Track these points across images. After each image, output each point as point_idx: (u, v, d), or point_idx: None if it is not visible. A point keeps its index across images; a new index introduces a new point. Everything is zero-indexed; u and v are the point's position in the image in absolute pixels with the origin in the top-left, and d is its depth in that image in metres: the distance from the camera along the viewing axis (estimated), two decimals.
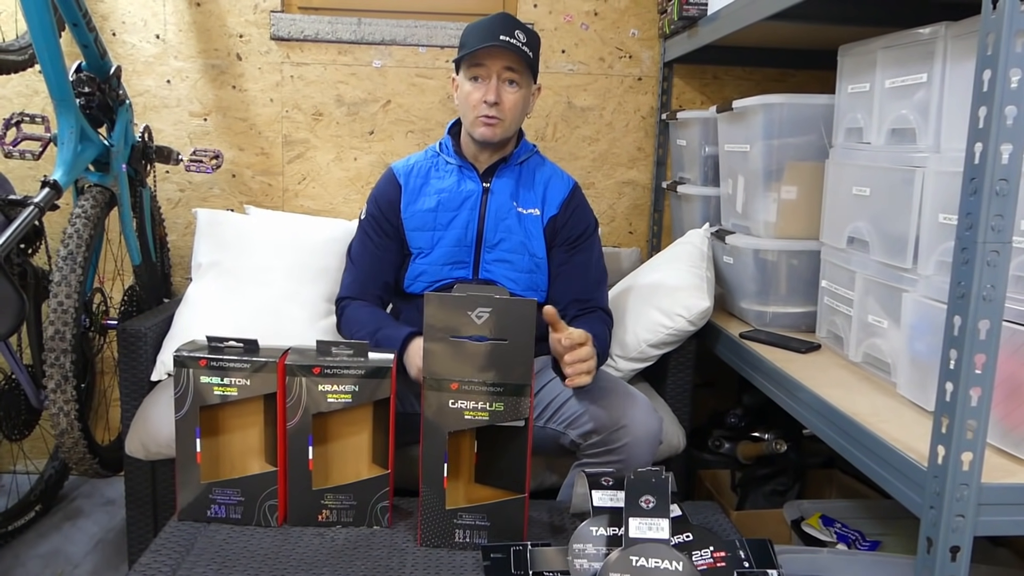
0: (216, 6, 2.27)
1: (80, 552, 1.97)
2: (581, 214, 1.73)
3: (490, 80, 1.58)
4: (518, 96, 1.61)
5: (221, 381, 1.30)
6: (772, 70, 2.37)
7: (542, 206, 1.70)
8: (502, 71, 1.58)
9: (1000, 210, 0.89)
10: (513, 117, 1.62)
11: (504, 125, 1.61)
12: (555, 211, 1.70)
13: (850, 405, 1.25)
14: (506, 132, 1.63)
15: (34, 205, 1.59)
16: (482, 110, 1.59)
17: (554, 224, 1.70)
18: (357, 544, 1.29)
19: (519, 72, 1.60)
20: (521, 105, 1.63)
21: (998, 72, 0.87)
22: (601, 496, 1.22)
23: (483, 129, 1.61)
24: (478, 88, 1.60)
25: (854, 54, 1.49)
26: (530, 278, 1.68)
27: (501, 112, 1.60)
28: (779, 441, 1.93)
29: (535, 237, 1.68)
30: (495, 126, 1.61)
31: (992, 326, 0.91)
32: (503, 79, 1.59)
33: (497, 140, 1.63)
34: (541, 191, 1.71)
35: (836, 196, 1.54)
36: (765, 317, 1.76)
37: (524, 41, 1.58)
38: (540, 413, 1.54)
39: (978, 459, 0.94)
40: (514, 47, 1.56)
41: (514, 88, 1.60)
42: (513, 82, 1.60)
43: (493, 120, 1.60)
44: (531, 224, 1.69)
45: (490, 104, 1.58)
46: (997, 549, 1.60)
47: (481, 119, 1.60)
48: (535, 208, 1.70)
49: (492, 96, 1.58)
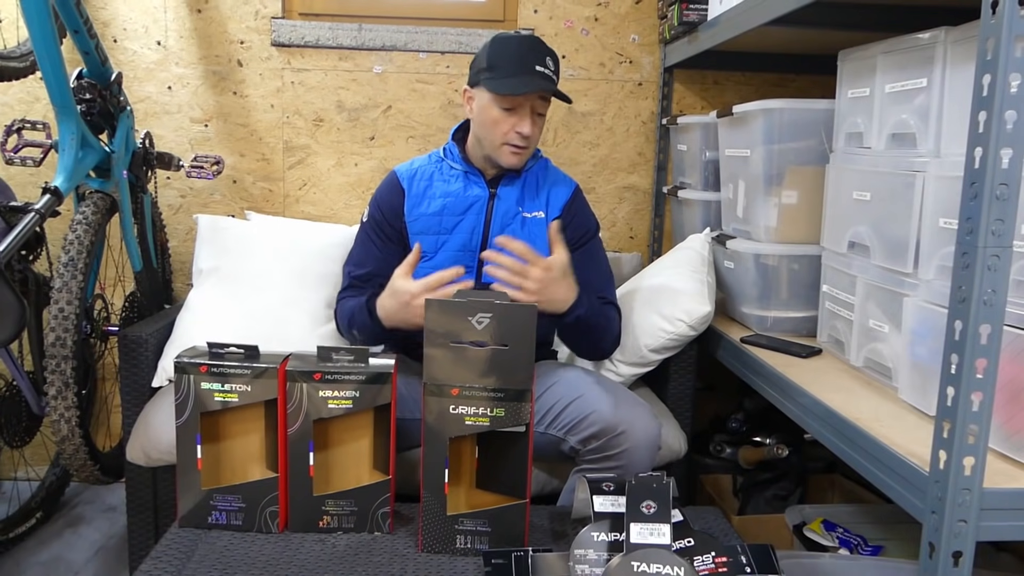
0: (217, 12, 2.27)
1: (81, 559, 1.97)
2: (583, 217, 1.75)
3: (524, 112, 1.59)
4: (542, 124, 1.65)
5: (222, 387, 1.30)
6: (772, 75, 2.37)
7: (546, 208, 1.72)
8: (536, 104, 1.60)
9: (1001, 214, 0.89)
10: (536, 142, 1.66)
11: (528, 152, 1.65)
12: (558, 213, 1.72)
13: (851, 410, 1.25)
14: (529, 156, 1.67)
15: (35, 212, 1.59)
16: (512, 139, 1.60)
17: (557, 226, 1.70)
18: (358, 550, 1.29)
19: (548, 101, 1.62)
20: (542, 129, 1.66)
21: (998, 77, 0.87)
22: (602, 501, 1.21)
23: (512, 159, 1.63)
24: (508, 118, 1.59)
25: (854, 59, 1.49)
26: None
27: (529, 143, 1.62)
28: (780, 446, 1.92)
29: (539, 240, 1.69)
30: (523, 154, 1.63)
31: (993, 330, 0.91)
32: (535, 111, 1.61)
33: (522, 166, 1.67)
34: (545, 194, 1.73)
35: (837, 201, 1.54)
36: (766, 322, 1.76)
37: (553, 69, 1.60)
38: (540, 419, 1.54)
39: (980, 464, 0.93)
40: (549, 80, 1.57)
41: (541, 118, 1.63)
42: (541, 114, 1.62)
43: (521, 151, 1.62)
44: (536, 227, 1.70)
45: (524, 136, 1.59)
46: (1000, 554, 1.59)
47: (510, 148, 1.61)
48: (539, 211, 1.71)
49: (527, 129, 1.59)
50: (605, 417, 1.45)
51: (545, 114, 1.63)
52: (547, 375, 1.59)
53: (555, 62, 1.61)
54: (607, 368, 1.83)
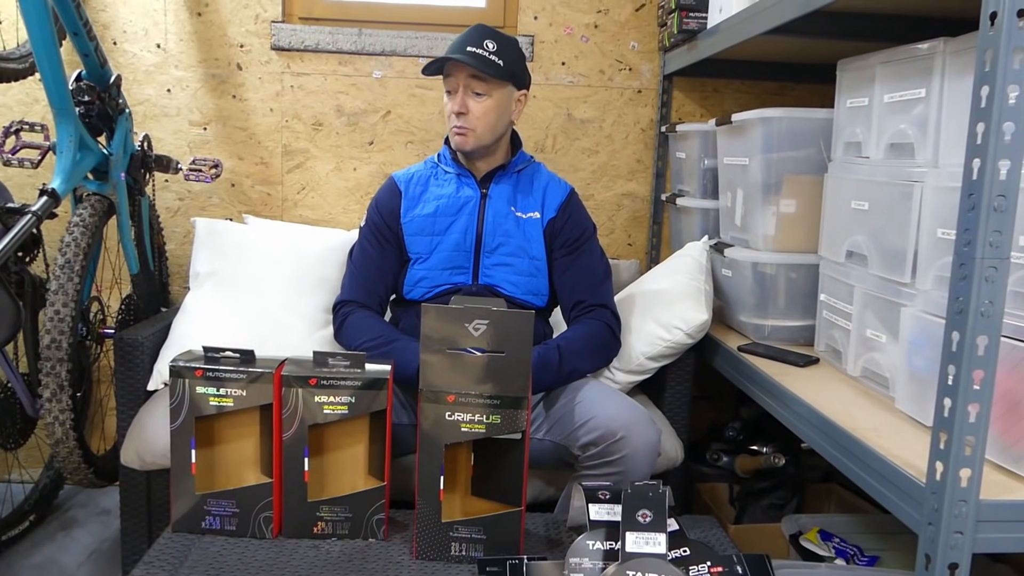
0: (217, 16, 2.27)
1: (74, 562, 1.96)
2: (579, 218, 1.76)
3: (457, 92, 1.62)
4: (486, 105, 1.62)
5: (217, 392, 1.30)
6: (771, 84, 2.37)
7: (541, 210, 1.73)
8: (467, 81, 1.61)
9: (998, 226, 0.89)
10: (485, 125, 1.64)
11: (476, 134, 1.64)
12: (553, 214, 1.73)
13: (848, 420, 1.25)
14: (480, 140, 1.65)
15: (32, 213, 1.59)
16: (452, 120, 1.64)
17: (553, 227, 1.72)
18: (352, 557, 1.29)
19: (485, 81, 1.61)
20: (494, 113, 1.64)
21: (996, 88, 0.88)
22: (598, 510, 1.21)
23: (456, 139, 1.66)
24: (450, 100, 1.64)
25: (853, 69, 1.49)
26: (530, 281, 1.68)
27: (469, 122, 1.62)
28: (777, 455, 1.92)
29: (534, 240, 1.70)
30: (466, 135, 1.64)
31: (990, 342, 0.91)
32: (469, 90, 1.61)
33: (469, 149, 1.66)
34: (540, 196, 1.74)
35: (835, 210, 1.54)
36: (763, 330, 1.76)
37: (493, 50, 1.60)
38: (539, 424, 1.53)
39: (976, 475, 0.93)
40: (476, 57, 1.58)
41: (481, 98, 1.62)
42: (479, 93, 1.61)
43: (463, 130, 1.63)
44: (530, 227, 1.70)
45: (457, 115, 1.62)
46: (996, 565, 1.59)
47: (453, 129, 1.65)
48: (535, 212, 1.72)
49: (457, 107, 1.62)
50: (605, 423, 1.45)
51: (485, 95, 1.62)
52: None
53: (500, 44, 1.61)
54: (604, 375, 1.82)
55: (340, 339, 1.69)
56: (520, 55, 1.67)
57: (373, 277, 1.70)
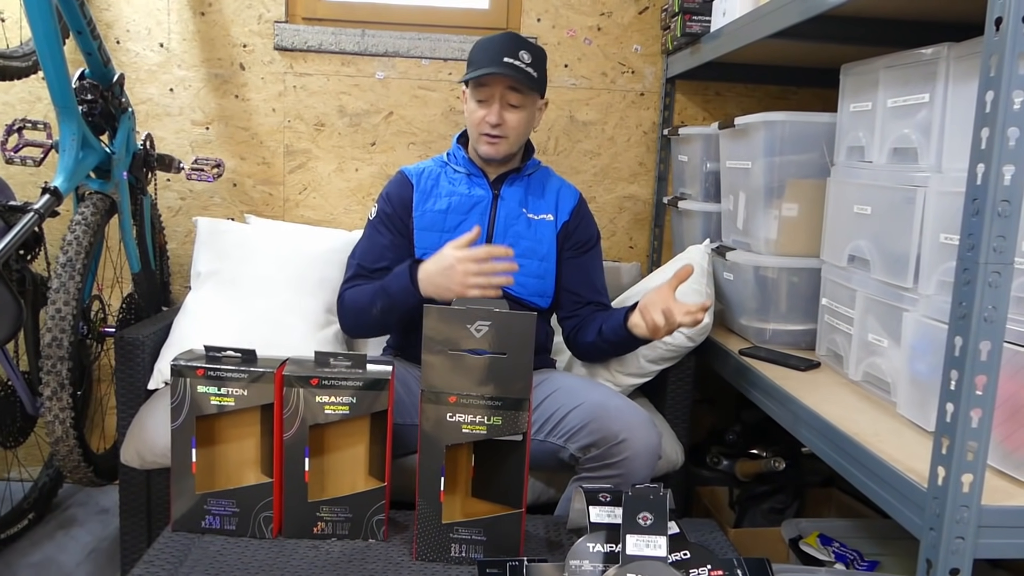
0: (220, 16, 2.27)
1: (73, 561, 1.96)
2: (588, 222, 1.79)
3: (493, 102, 1.62)
4: (521, 116, 1.65)
5: (218, 391, 1.30)
6: (774, 87, 2.37)
7: (555, 212, 1.75)
8: (505, 93, 1.62)
9: (1002, 231, 0.89)
10: (517, 135, 1.66)
11: (508, 143, 1.66)
12: (567, 217, 1.75)
13: (850, 424, 1.25)
14: (510, 149, 1.68)
15: (34, 211, 1.59)
16: (484, 129, 1.64)
17: (567, 229, 1.75)
18: (352, 557, 1.28)
19: (522, 93, 1.63)
20: (525, 123, 1.67)
21: (1001, 93, 0.88)
22: (599, 512, 1.21)
23: (486, 147, 1.66)
24: (481, 109, 1.64)
25: (856, 73, 1.49)
26: (538, 283, 1.69)
27: (504, 131, 1.64)
28: (778, 459, 1.92)
29: (546, 242, 1.71)
30: (498, 144, 1.65)
31: (993, 347, 0.91)
32: (505, 101, 1.63)
33: (500, 157, 1.68)
34: (553, 199, 1.76)
35: (837, 214, 1.54)
36: (765, 334, 1.76)
37: (529, 62, 1.61)
38: (539, 427, 1.53)
39: (978, 481, 0.93)
40: (516, 70, 1.59)
41: (516, 109, 1.64)
42: (515, 105, 1.63)
43: (496, 140, 1.65)
44: (543, 229, 1.72)
45: (492, 125, 1.63)
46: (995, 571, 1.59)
47: (484, 137, 1.65)
48: (548, 214, 1.74)
49: (494, 118, 1.62)
50: (605, 425, 1.44)
51: (521, 106, 1.64)
52: (548, 382, 1.59)
53: (534, 56, 1.62)
54: (605, 378, 1.82)
55: (342, 323, 1.70)
56: (546, 65, 1.69)
57: (377, 264, 1.68)
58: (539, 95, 1.68)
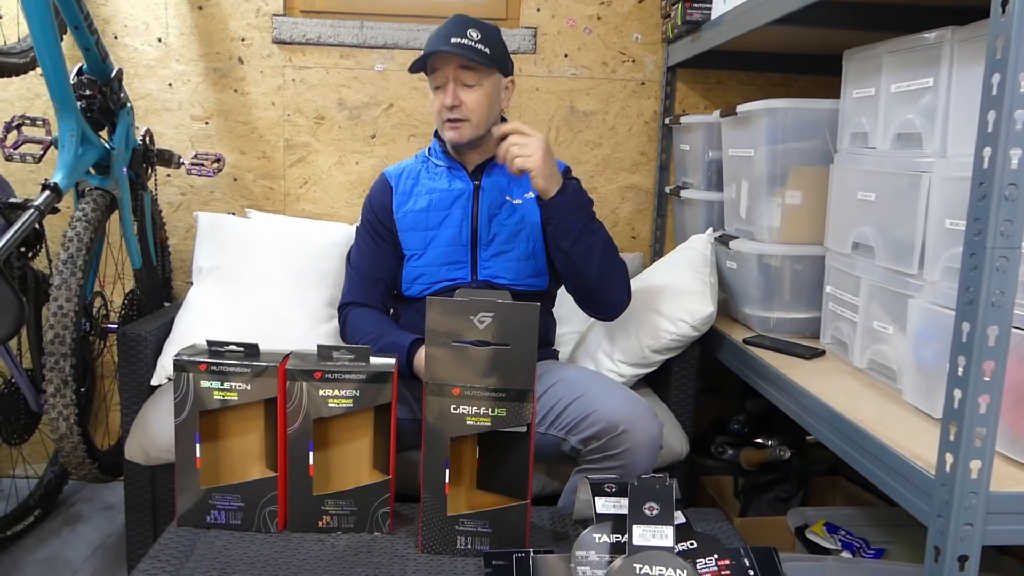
0: (218, 10, 2.26)
1: (79, 557, 1.96)
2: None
3: (447, 85, 1.59)
4: (479, 94, 1.60)
5: (221, 386, 1.30)
6: (776, 75, 2.36)
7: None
8: (456, 73, 1.59)
9: (1009, 215, 0.88)
10: (479, 116, 1.62)
11: (471, 125, 1.62)
12: None
13: (855, 412, 1.24)
14: (475, 131, 1.63)
15: (34, 208, 1.58)
16: (444, 114, 1.61)
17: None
18: (358, 550, 1.28)
19: (474, 70, 1.59)
20: (486, 103, 1.62)
21: (1007, 76, 0.87)
22: (604, 503, 1.20)
23: (450, 133, 1.63)
24: (439, 95, 1.61)
25: (859, 59, 1.48)
26: (530, 264, 1.68)
27: (463, 113, 1.60)
28: (783, 448, 1.91)
29: (530, 220, 1.68)
30: (461, 128, 1.62)
31: (1001, 332, 0.90)
32: (459, 82, 1.59)
33: (466, 141, 1.64)
34: None
35: (841, 201, 1.53)
36: (769, 323, 1.75)
37: (478, 38, 1.58)
38: (541, 419, 1.53)
39: (987, 467, 0.93)
40: (464, 48, 1.56)
41: (472, 88, 1.60)
42: (470, 84, 1.60)
43: (457, 123, 1.61)
44: (526, 208, 1.69)
45: (449, 108, 1.60)
46: (1003, 558, 1.59)
47: (447, 124, 1.62)
48: (529, 192, 1.70)
49: (449, 100, 1.59)
50: (606, 416, 1.44)
51: (477, 85, 1.60)
52: (548, 375, 1.58)
53: (483, 33, 1.59)
54: (608, 368, 1.82)
55: (343, 341, 1.71)
56: (502, 41, 1.65)
57: (371, 275, 1.69)
58: (499, 72, 1.64)
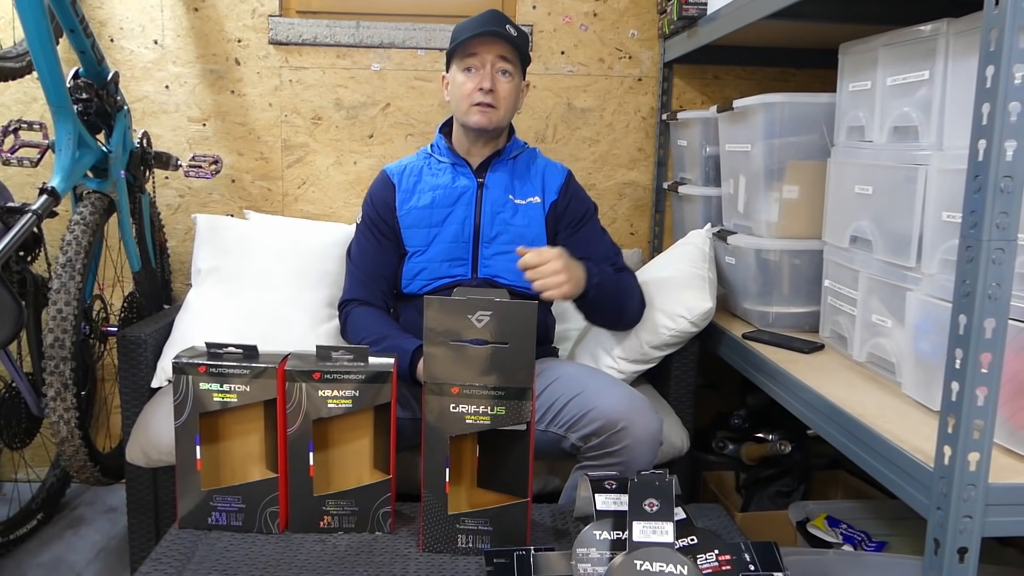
0: (214, 11, 2.26)
1: (82, 560, 1.96)
2: (579, 198, 1.78)
3: (484, 68, 1.61)
4: (511, 86, 1.64)
5: (220, 387, 1.30)
6: (772, 69, 2.36)
7: (542, 194, 1.73)
8: (496, 60, 1.61)
9: (1005, 207, 0.88)
10: (507, 106, 1.64)
11: (499, 113, 1.64)
12: (555, 196, 1.74)
13: (855, 405, 1.24)
14: (501, 121, 1.65)
15: (32, 212, 1.58)
16: (476, 98, 1.61)
17: (556, 210, 1.73)
18: (359, 550, 1.29)
19: (512, 63, 1.62)
20: (514, 95, 1.66)
21: (1001, 68, 0.87)
22: (605, 500, 1.21)
23: (478, 117, 1.62)
24: (472, 78, 1.62)
25: (855, 52, 1.48)
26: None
27: (495, 100, 1.62)
28: (783, 442, 1.92)
29: (534, 225, 1.70)
30: (490, 113, 1.63)
31: (998, 325, 0.90)
32: (496, 68, 1.61)
33: (492, 127, 1.65)
34: (539, 180, 1.74)
35: (838, 195, 1.53)
36: (768, 317, 1.75)
37: (515, 35, 1.62)
38: (540, 416, 1.53)
39: (985, 459, 0.93)
40: (507, 36, 1.59)
41: (507, 78, 1.63)
42: (506, 72, 1.62)
43: (488, 108, 1.62)
44: (530, 213, 1.70)
45: (485, 91, 1.60)
46: (1005, 549, 1.59)
47: (476, 107, 1.62)
48: (535, 196, 1.72)
49: (487, 83, 1.60)
50: (605, 413, 1.44)
51: (512, 75, 1.63)
52: (547, 372, 1.58)
53: (519, 31, 1.63)
54: (608, 365, 1.82)
55: (344, 338, 1.71)
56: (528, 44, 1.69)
57: (372, 273, 1.69)
58: (523, 73, 1.67)
